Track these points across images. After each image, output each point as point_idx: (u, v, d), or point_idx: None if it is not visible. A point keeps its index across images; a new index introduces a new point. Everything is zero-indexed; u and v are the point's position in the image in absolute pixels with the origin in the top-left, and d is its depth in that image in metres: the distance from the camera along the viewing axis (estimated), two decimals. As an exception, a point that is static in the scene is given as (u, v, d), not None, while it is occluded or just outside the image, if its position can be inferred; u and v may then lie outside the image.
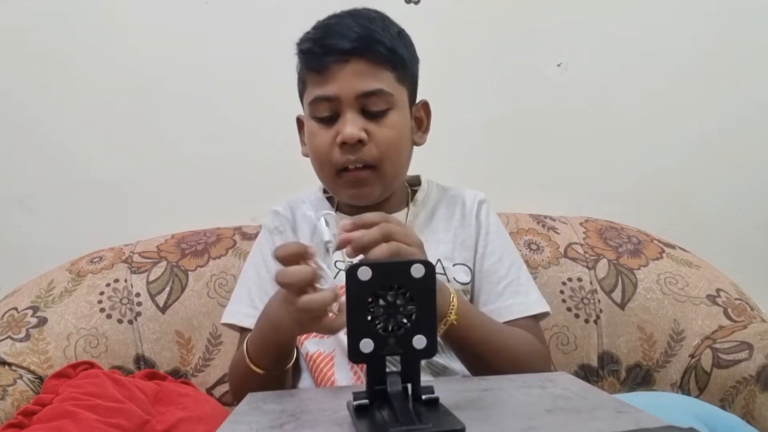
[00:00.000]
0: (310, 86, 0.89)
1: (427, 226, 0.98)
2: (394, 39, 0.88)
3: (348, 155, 0.87)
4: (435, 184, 1.04)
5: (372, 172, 0.89)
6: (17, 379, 1.12)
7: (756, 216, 1.53)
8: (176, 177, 1.48)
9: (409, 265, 0.55)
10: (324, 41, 0.86)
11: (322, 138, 0.89)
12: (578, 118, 1.52)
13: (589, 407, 0.58)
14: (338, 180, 0.91)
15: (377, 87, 0.86)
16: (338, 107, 0.87)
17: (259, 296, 0.96)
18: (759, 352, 1.07)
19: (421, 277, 0.55)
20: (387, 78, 0.87)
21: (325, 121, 0.88)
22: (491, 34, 1.50)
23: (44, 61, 1.45)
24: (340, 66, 0.85)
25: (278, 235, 1.01)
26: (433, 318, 0.55)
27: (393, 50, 0.87)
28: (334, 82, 0.85)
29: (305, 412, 0.61)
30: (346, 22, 0.87)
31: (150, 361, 1.23)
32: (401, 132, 0.91)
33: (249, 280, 1.01)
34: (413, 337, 0.55)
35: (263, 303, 0.92)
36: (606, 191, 1.51)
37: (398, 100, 0.89)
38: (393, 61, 0.87)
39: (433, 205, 1.00)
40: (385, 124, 0.88)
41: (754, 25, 1.51)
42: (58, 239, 1.44)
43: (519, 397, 0.64)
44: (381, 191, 0.93)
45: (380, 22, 0.88)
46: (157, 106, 1.47)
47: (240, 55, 1.47)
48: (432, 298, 0.55)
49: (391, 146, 0.89)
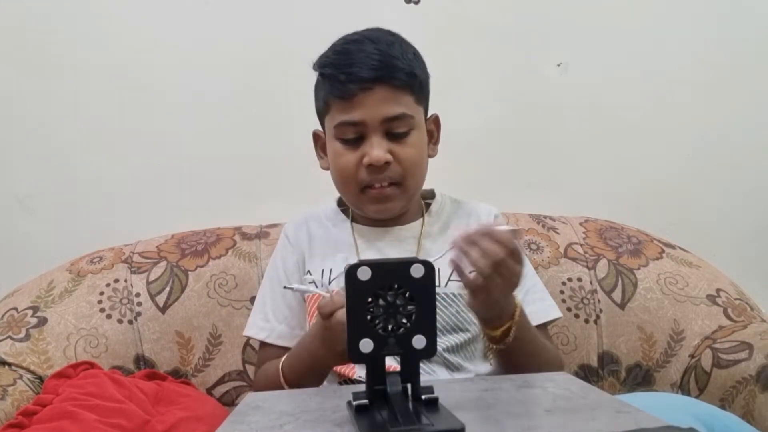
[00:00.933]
0: (334, 110, 0.94)
1: (441, 236, 1.01)
2: (412, 62, 0.94)
3: (375, 175, 0.93)
4: (448, 197, 1.08)
5: (396, 188, 0.95)
6: (17, 379, 1.11)
7: (756, 216, 1.53)
8: (176, 177, 1.48)
9: (408, 264, 0.55)
10: (348, 69, 0.91)
11: (347, 159, 0.94)
12: (578, 118, 1.52)
13: (588, 407, 0.58)
14: (363, 197, 0.96)
15: (400, 112, 0.92)
16: (363, 131, 0.92)
17: (272, 309, 1.02)
18: (759, 352, 1.07)
19: (420, 277, 0.55)
20: (407, 101, 0.93)
21: (350, 143, 0.94)
22: (491, 34, 1.50)
23: (44, 61, 1.45)
24: (365, 93, 0.90)
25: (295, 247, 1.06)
26: (432, 318, 0.56)
27: (412, 74, 0.93)
28: (359, 109, 0.91)
29: (305, 412, 0.61)
30: (368, 50, 0.91)
31: (150, 362, 1.23)
32: (421, 150, 0.97)
33: (264, 293, 1.06)
34: (413, 337, 0.55)
35: (275, 316, 1.00)
36: (606, 191, 1.51)
37: (417, 120, 0.95)
38: (412, 86, 0.93)
39: (446, 217, 1.04)
40: (408, 144, 0.94)
41: (754, 26, 1.51)
42: (58, 239, 1.44)
43: (519, 397, 0.64)
44: (404, 205, 0.99)
45: (398, 48, 0.93)
46: (157, 106, 1.47)
47: (240, 55, 1.47)
48: (432, 298, 0.55)
49: (414, 164, 0.95)
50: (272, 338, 1.01)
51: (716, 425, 0.88)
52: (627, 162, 1.53)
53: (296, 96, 1.41)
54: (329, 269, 0.99)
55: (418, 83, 0.95)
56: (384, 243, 1.00)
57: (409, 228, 1.01)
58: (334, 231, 1.03)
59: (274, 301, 1.03)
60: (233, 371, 1.24)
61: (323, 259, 1.01)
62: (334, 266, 0.99)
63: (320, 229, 1.05)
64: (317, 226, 1.06)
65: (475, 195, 1.15)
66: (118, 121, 1.47)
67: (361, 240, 1.01)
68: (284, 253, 1.06)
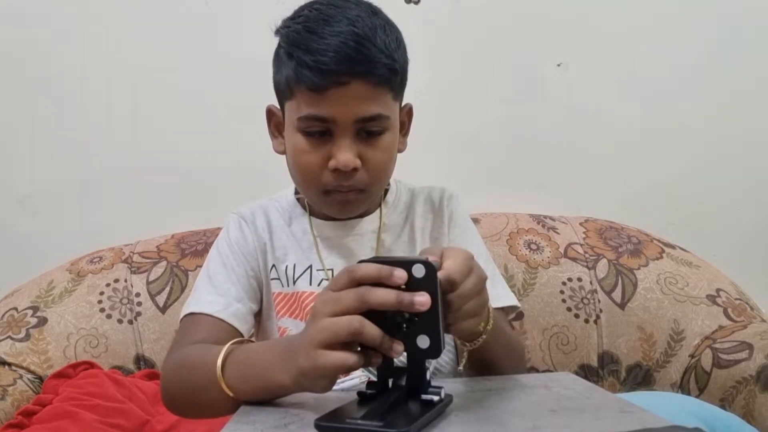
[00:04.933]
0: (299, 99, 0.82)
1: (401, 227, 0.96)
2: (395, 53, 0.82)
3: (340, 181, 0.83)
4: (403, 185, 1.01)
5: (361, 194, 0.86)
6: (17, 379, 1.11)
7: (756, 216, 1.53)
8: (176, 177, 1.48)
9: (410, 265, 0.55)
10: (320, 56, 0.78)
11: (311, 159, 0.83)
12: (578, 118, 1.52)
13: (593, 407, 0.58)
14: (325, 198, 0.86)
15: (376, 112, 0.81)
16: (332, 128, 0.81)
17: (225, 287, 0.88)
18: (759, 352, 1.07)
19: (422, 277, 0.54)
20: (385, 100, 0.83)
21: (315, 137, 0.83)
22: (491, 34, 1.50)
23: (44, 61, 1.45)
24: (337, 88, 0.78)
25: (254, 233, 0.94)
26: (435, 318, 0.55)
27: (394, 70, 0.81)
28: (330, 104, 0.80)
29: (309, 412, 0.61)
30: (344, 33, 0.78)
31: (150, 361, 1.22)
32: (392, 152, 0.88)
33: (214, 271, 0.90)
34: (417, 336, 0.55)
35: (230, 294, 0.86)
36: (606, 191, 1.52)
37: (392, 120, 0.85)
38: (392, 82, 0.82)
39: (404, 206, 0.98)
40: (379, 147, 0.84)
41: (754, 26, 1.51)
42: (58, 239, 1.44)
43: (524, 397, 0.64)
44: (366, 207, 0.91)
45: (381, 35, 0.80)
46: (157, 106, 1.47)
47: (240, 55, 1.47)
48: (434, 298, 0.54)
49: (383, 170, 0.86)
50: (226, 314, 0.83)
51: (717, 426, 0.89)
52: (627, 162, 1.53)
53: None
54: (293, 265, 0.91)
55: (398, 79, 0.83)
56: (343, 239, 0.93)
57: (368, 221, 0.94)
58: (294, 225, 0.95)
59: (229, 279, 0.88)
60: (233, 371, 1.23)
61: (285, 254, 0.92)
62: (297, 262, 0.91)
63: (279, 221, 0.95)
64: (277, 218, 0.96)
65: (475, 195, 1.14)
66: (118, 121, 1.47)
67: (321, 236, 0.93)
68: (241, 234, 0.93)
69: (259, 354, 0.68)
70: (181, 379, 0.75)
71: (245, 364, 0.67)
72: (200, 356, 0.73)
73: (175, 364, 0.78)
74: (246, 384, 0.66)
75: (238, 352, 0.69)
